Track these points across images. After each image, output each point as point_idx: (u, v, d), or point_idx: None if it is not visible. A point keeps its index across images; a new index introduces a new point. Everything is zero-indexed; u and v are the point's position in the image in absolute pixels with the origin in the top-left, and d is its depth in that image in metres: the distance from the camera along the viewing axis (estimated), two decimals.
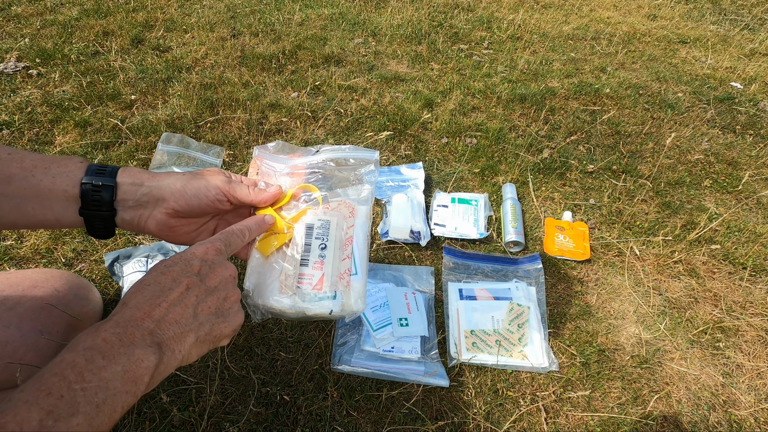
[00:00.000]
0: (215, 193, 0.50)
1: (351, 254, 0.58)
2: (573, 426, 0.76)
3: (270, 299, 0.54)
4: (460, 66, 1.76)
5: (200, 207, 0.51)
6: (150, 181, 0.50)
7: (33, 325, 0.67)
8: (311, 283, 0.55)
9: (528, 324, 0.87)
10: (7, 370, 0.64)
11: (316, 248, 0.57)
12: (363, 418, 0.75)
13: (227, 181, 0.51)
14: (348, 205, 0.62)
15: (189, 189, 0.50)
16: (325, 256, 0.57)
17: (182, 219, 0.52)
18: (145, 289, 0.40)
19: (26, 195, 0.47)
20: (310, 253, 0.57)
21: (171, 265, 0.42)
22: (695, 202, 1.21)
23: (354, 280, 0.56)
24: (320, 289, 0.54)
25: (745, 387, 0.83)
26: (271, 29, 1.93)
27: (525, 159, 1.30)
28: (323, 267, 0.56)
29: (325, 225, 0.59)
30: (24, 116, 1.34)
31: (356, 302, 0.55)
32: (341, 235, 0.59)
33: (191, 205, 0.50)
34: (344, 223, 0.60)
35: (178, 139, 1.22)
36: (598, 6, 2.44)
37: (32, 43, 1.69)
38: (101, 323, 0.37)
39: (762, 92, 1.69)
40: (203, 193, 0.50)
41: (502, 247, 1.06)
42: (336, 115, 1.44)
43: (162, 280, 0.40)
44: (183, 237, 0.54)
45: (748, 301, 0.97)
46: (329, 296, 0.54)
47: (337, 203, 0.62)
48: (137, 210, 0.50)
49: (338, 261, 0.57)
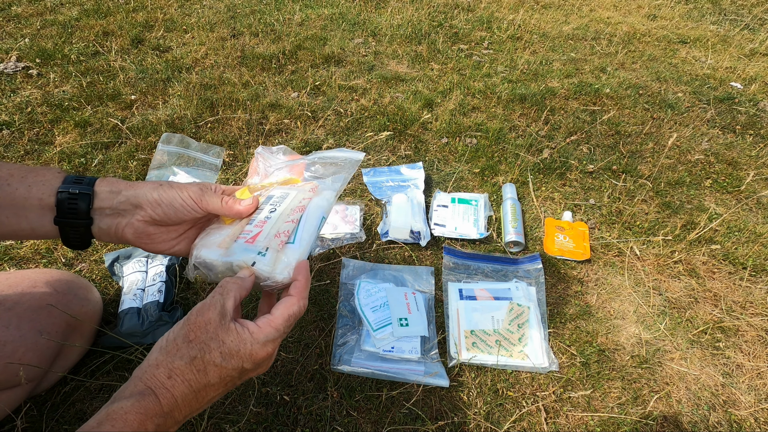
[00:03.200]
0: (189, 203, 0.52)
1: (297, 221, 0.57)
2: (573, 426, 0.76)
3: (203, 250, 0.54)
4: (460, 66, 1.75)
5: (176, 215, 0.52)
6: (127, 189, 0.51)
7: (32, 325, 0.67)
8: (246, 238, 0.54)
9: (528, 324, 0.87)
10: (7, 370, 0.64)
11: (266, 211, 0.57)
12: (363, 418, 0.75)
13: (200, 192, 0.53)
14: (313, 184, 0.63)
15: (164, 197, 0.51)
16: (271, 217, 0.56)
17: (160, 227, 0.53)
18: (193, 379, 0.41)
19: (1, 204, 0.47)
20: (259, 214, 0.57)
21: (228, 357, 0.42)
22: (695, 202, 1.21)
23: (290, 247, 0.54)
24: (252, 242, 0.53)
25: (745, 387, 0.83)
26: (271, 29, 1.92)
27: (525, 159, 1.30)
28: (264, 226, 0.55)
29: (283, 195, 0.60)
30: (24, 116, 1.34)
31: (282, 270, 0.52)
32: (294, 204, 0.59)
33: (167, 213, 0.51)
34: (302, 196, 0.60)
35: (178, 139, 1.22)
36: (598, 6, 2.44)
37: (32, 43, 1.69)
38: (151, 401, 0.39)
39: (762, 92, 1.69)
40: (177, 202, 0.51)
41: (502, 247, 1.06)
42: (336, 115, 1.44)
43: (211, 374, 0.42)
44: (162, 245, 0.54)
45: (748, 301, 0.97)
46: (258, 251, 0.52)
47: (304, 182, 0.63)
48: (114, 218, 0.51)
49: (281, 222, 0.56)
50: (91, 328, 0.78)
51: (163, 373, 0.40)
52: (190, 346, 0.41)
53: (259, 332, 0.44)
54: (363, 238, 1.04)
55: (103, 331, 0.80)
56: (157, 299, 0.85)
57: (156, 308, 0.83)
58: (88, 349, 0.79)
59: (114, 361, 0.79)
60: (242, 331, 0.43)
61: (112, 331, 0.80)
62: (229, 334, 0.42)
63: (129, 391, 0.40)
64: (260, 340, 0.43)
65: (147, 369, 0.41)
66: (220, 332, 0.42)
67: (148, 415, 0.38)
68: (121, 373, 0.78)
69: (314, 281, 0.95)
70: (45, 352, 0.69)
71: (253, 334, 0.44)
